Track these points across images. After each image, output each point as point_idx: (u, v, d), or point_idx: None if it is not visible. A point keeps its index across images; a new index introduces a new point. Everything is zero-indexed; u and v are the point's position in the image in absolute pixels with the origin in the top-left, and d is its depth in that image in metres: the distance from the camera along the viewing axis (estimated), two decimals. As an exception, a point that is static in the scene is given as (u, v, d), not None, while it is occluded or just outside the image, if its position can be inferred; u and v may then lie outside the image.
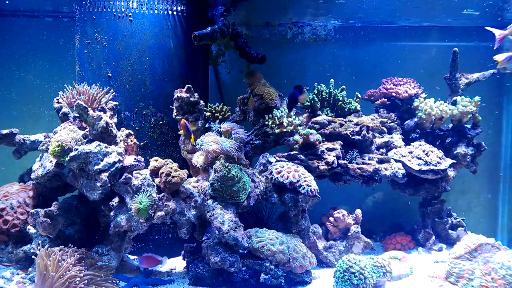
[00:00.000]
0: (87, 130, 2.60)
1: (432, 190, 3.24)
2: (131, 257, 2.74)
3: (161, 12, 2.94)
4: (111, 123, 2.60)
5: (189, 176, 2.79)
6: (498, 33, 2.70)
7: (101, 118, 2.54)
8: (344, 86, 3.30)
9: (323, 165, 2.94)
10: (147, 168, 2.66)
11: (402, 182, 3.12)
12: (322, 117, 3.17)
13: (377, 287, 2.52)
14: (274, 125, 2.92)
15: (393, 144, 3.28)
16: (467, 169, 3.33)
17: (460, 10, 3.39)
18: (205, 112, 3.00)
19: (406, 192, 3.29)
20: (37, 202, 2.70)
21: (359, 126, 3.10)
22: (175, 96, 2.88)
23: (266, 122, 2.96)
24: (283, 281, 2.47)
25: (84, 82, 2.88)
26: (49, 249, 2.25)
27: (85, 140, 2.54)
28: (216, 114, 3.04)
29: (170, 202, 2.55)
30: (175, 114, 2.91)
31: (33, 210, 2.45)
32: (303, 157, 2.97)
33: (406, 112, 3.51)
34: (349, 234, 2.99)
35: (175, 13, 2.98)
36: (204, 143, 2.67)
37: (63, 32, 3.77)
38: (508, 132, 3.93)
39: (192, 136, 2.72)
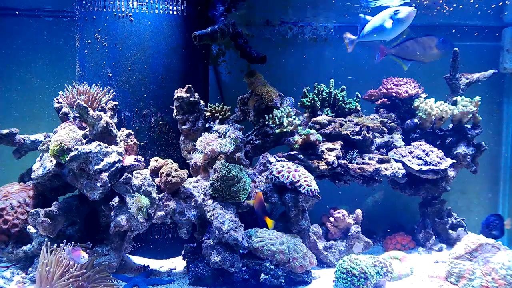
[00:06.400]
0: (87, 130, 2.60)
1: (432, 190, 3.24)
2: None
3: (162, 12, 2.94)
4: (111, 123, 2.60)
5: (189, 176, 2.79)
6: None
7: (101, 118, 2.54)
8: (344, 86, 3.29)
9: (323, 165, 2.93)
10: (147, 168, 2.65)
11: (402, 182, 3.12)
12: (322, 117, 3.17)
13: (377, 287, 2.52)
14: (274, 125, 2.92)
15: (393, 144, 3.28)
16: (468, 169, 3.32)
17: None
18: (205, 112, 3.00)
19: (406, 192, 3.28)
20: (37, 202, 2.70)
21: (359, 126, 3.10)
22: (175, 96, 2.87)
23: (266, 122, 2.96)
24: (283, 281, 2.47)
25: (84, 82, 2.88)
26: (49, 248, 2.25)
27: (85, 140, 2.54)
28: (216, 114, 3.04)
29: (170, 202, 2.55)
30: (175, 114, 2.91)
31: (33, 210, 2.44)
32: (303, 157, 2.97)
33: (407, 112, 3.50)
34: (349, 234, 2.99)
35: (175, 12, 2.98)
36: (204, 143, 2.67)
37: (63, 32, 3.77)
38: (508, 132, 3.93)
39: (267, 219, 2.44)
